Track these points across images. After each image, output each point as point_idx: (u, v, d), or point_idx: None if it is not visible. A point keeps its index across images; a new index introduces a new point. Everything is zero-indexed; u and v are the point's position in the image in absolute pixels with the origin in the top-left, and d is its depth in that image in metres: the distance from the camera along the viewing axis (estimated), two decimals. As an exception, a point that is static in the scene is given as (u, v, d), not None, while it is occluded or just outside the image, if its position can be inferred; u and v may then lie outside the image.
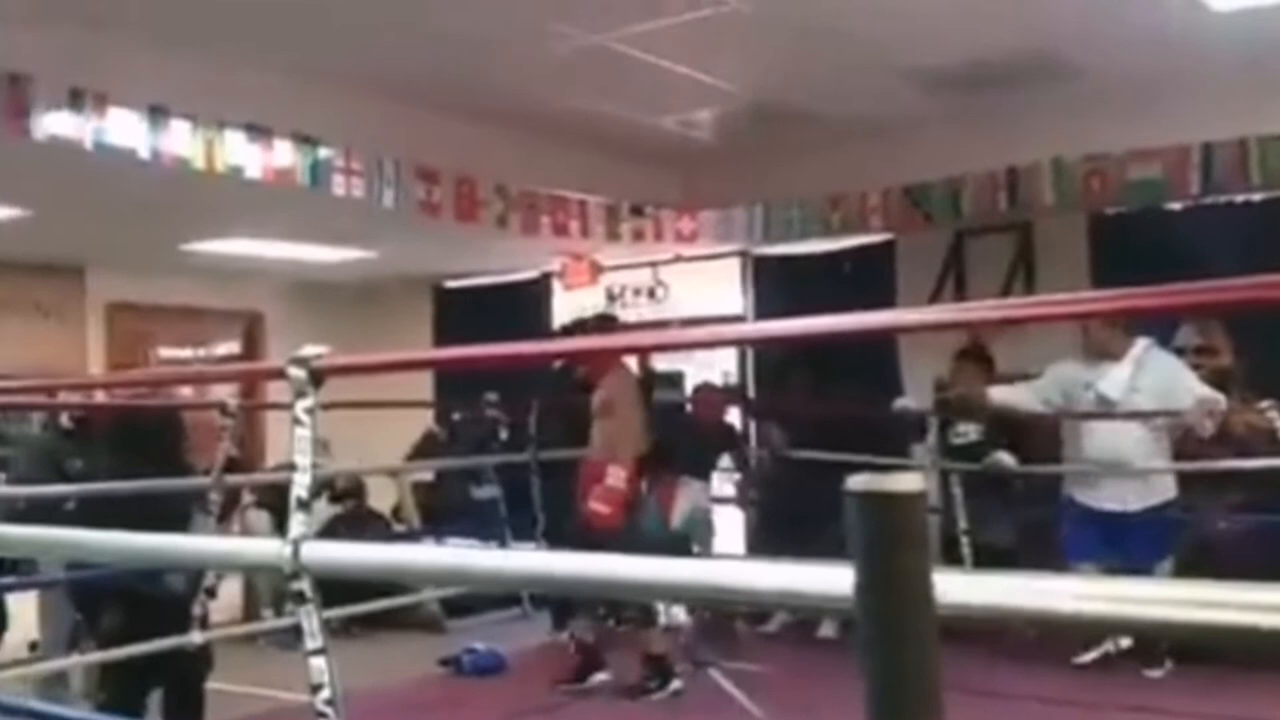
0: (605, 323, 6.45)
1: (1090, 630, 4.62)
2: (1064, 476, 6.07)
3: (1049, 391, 6.02)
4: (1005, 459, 6.03)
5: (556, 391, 7.09)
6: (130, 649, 4.51)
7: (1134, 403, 5.71)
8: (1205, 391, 5.61)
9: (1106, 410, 5.78)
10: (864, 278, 7.51)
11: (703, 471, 7.24)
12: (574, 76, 5.71)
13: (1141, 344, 5.82)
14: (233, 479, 5.22)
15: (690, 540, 6.72)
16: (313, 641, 2.01)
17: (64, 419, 5.86)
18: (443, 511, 8.40)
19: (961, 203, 6.53)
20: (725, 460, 7.58)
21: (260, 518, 7.27)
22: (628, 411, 5.72)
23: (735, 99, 6.24)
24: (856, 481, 0.94)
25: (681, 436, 6.88)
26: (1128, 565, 5.39)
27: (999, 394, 6.15)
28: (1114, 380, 5.72)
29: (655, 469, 6.31)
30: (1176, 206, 6.54)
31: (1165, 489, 5.79)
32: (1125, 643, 5.56)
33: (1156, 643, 5.31)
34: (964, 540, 5.91)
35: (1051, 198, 6.24)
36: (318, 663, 2.01)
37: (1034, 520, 6.30)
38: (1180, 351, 6.66)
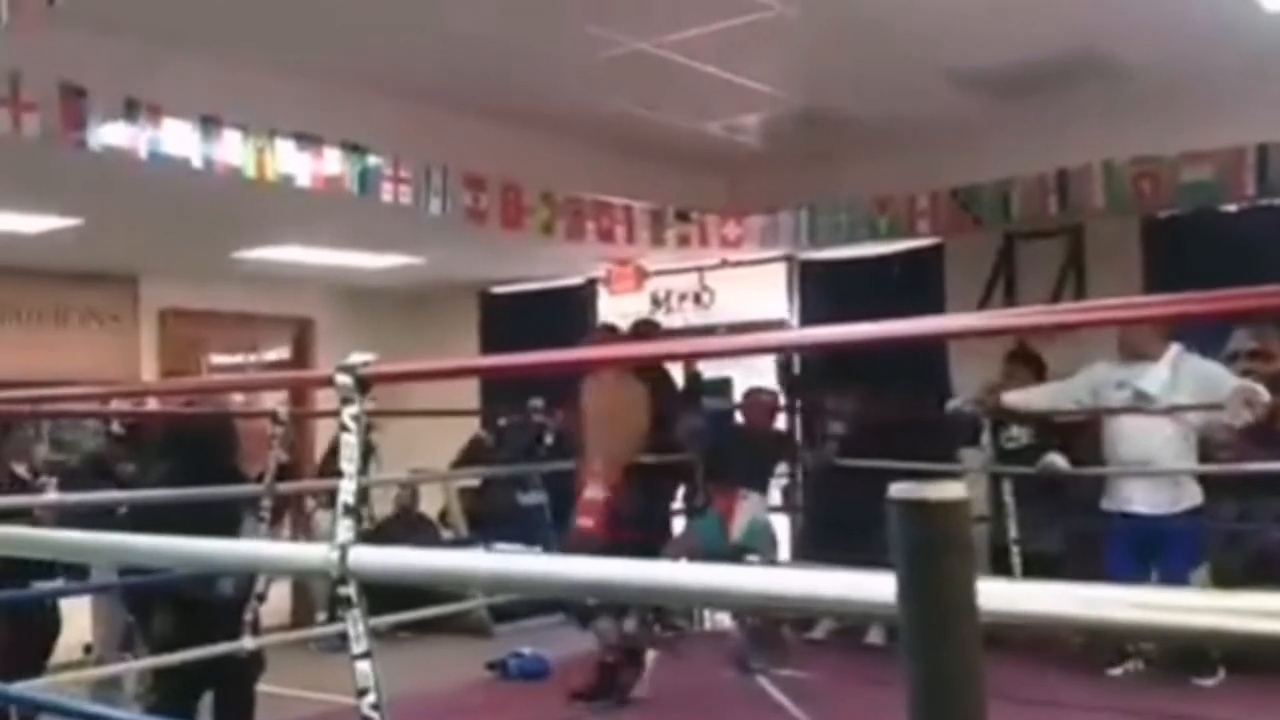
0: (645, 328, 6.41)
1: (1136, 638, 4.58)
2: (1100, 488, 6.00)
3: (1079, 392, 5.96)
4: (1058, 461, 5.95)
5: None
6: (183, 654, 4.57)
7: (1174, 403, 5.64)
8: (1241, 380, 5.53)
9: (1141, 407, 5.71)
10: (912, 282, 7.45)
11: (759, 482, 7.18)
12: (619, 83, 5.72)
13: (1176, 348, 5.77)
14: (283, 486, 5.28)
15: (745, 554, 6.65)
16: (359, 645, 2.03)
17: (115, 425, 5.95)
18: (489, 517, 8.45)
19: (1011, 206, 6.47)
20: (781, 468, 7.53)
21: (327, 519, 7.35)
22: (614, 421, 5.62)
23: (781, 103, 6.23)
24: (899, 489, 0.93)
25: (734, 447, 6.83)
26: (1162, 575, 5.34)
27: (1013, 398, 6.12)
28: (1155, 377, 5.66)
29: (712, 482, 6.32)
30: (1231, 209, 6.44)
31: (1194, 494, 5.72)
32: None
33: (1208, 651, 5.23)
34: (1014, 550, 5.83)
35: (1102, 201, 6.17)
36: (364, 666, 2.02)
37: (1082, 527, 6.23)
38: (1234, 356, 6.57)
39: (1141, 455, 5.72)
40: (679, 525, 6.64)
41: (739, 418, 7.35)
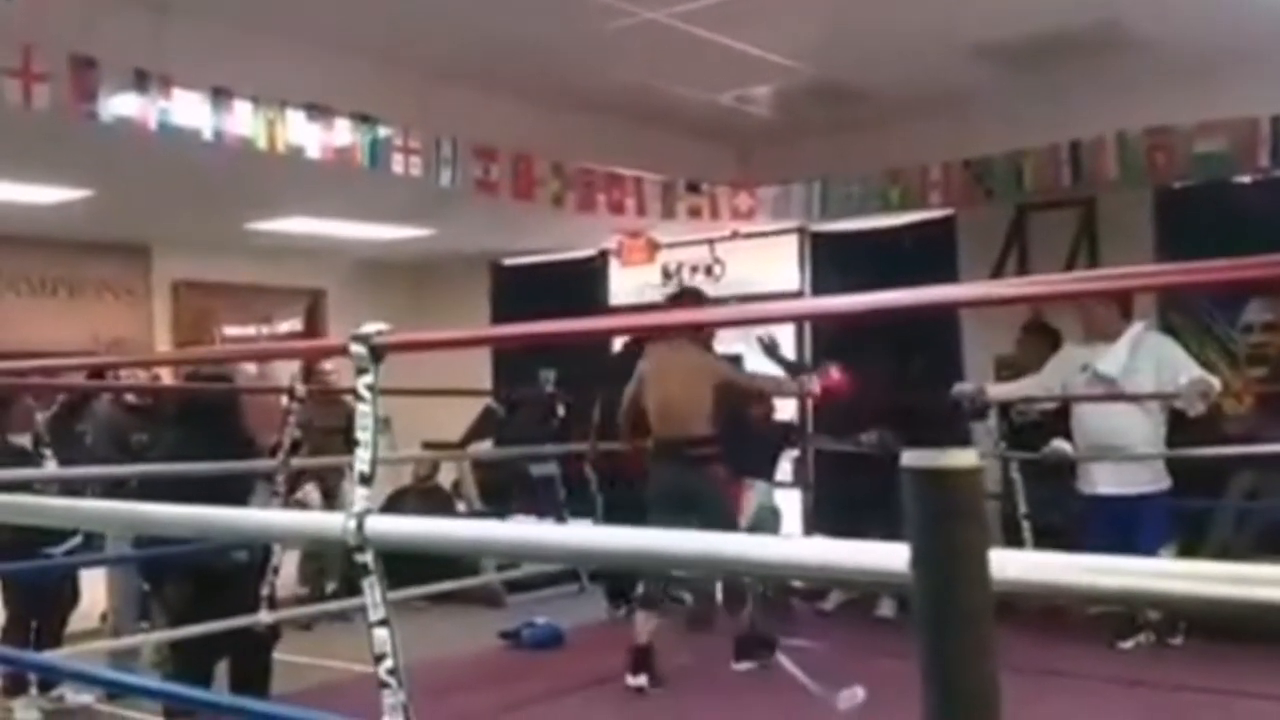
0: (690, 297, 6.39)
1: (1144, 606, 4.61)
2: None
3: (1049, 380, 6.01)
4: (1063, 446, 5.96)
5: (618, 376, 7.12)
6: (200, 625, 4.62)
7: (1133, 383, 5.66)
8: (1199, 373, 5.55)
9: (1105, 389, 5.73)
10: (924, 254, 7.43)
11: (766, 470, 7.23)
12: (630, 53, 5.70)
13: (1138, 325, 5.79)
14: (297, 461, 5.33)
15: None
16: (376, 613, 2.05)
17: (129, 396, 5.99)
18: (502, 489, 8.49)
19: (1024, 177, 6.44)
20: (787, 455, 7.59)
21: (316, 496, 7.41)
22: (685, 389, 5.66)
23: (792, 74, 6.20)
24: (912, 457, 0.94)
25: (739, 439, 6.86)
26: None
27: (998, 390, 6.20)
28: (1112, 358, 5.67)
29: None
30: (1244, 180, 6.41)
31: (1161, 476, 5.74)
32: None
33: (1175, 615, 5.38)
34: (1025, 525, 5.86)
35: (1116, 172, 6.14)
36: (381, 633, 2.05)
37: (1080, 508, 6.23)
38: (1249, 328, 6.55)
39: (1106, 435, 5.75)
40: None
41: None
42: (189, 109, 4.78)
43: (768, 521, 7.06)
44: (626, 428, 5.96)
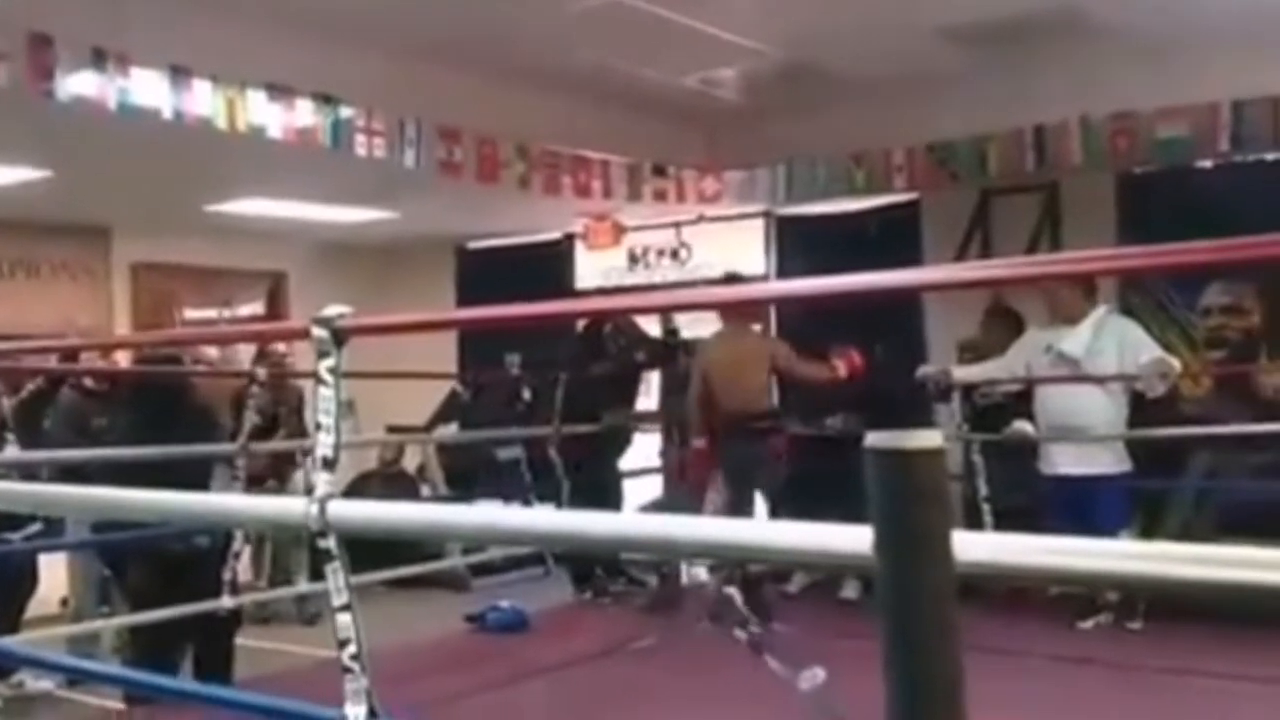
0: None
1: (1106, 587, 4.65)
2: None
3: (1014, 363, 6.05)
4: (1025, 427, 6.01)
5: (580, 359, 7.12)
6: (162, 610, 4.58)
7: (1096, 364, 5.71)
8: (1159, 353, 5.62)
9: (1068, 370, 5.78)
10: (889, 238, 7.46)
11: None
12: (596, 34, 5.67)
13: (1102, 309, 5.84)
14: (256, 446, 5.27)
15: None
16: (339, 598, 2.04)
17: (88, 380, 5.91)
18: (467, 472, 8.47)
19: (988, 161, 6.47)
20: None
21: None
22: (743, 371, 6.16)
23: (759, 57, 6.19)
24: (875, 438, 0.94)
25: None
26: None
27: (962, 373, 6.24)
28: (1075, 339, 5.73)
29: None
30: (1205, 165, 6.47)
31: (1121, 457, 5.80)
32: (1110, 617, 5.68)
33: (1135, 598, 5.45)
34: (985, 508, 5.91)
35: (1079, 157, 6.18)
36: (344, 619, 2.03)
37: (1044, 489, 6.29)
38: (1208, 311, 6.62)
39: (1067, 416, 5.80)
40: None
41: None
42: (148, 88, 4.71)
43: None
44: (698, 415, 6.34)
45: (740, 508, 6.08)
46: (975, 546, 1.15)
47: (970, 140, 6.48)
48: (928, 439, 0.93)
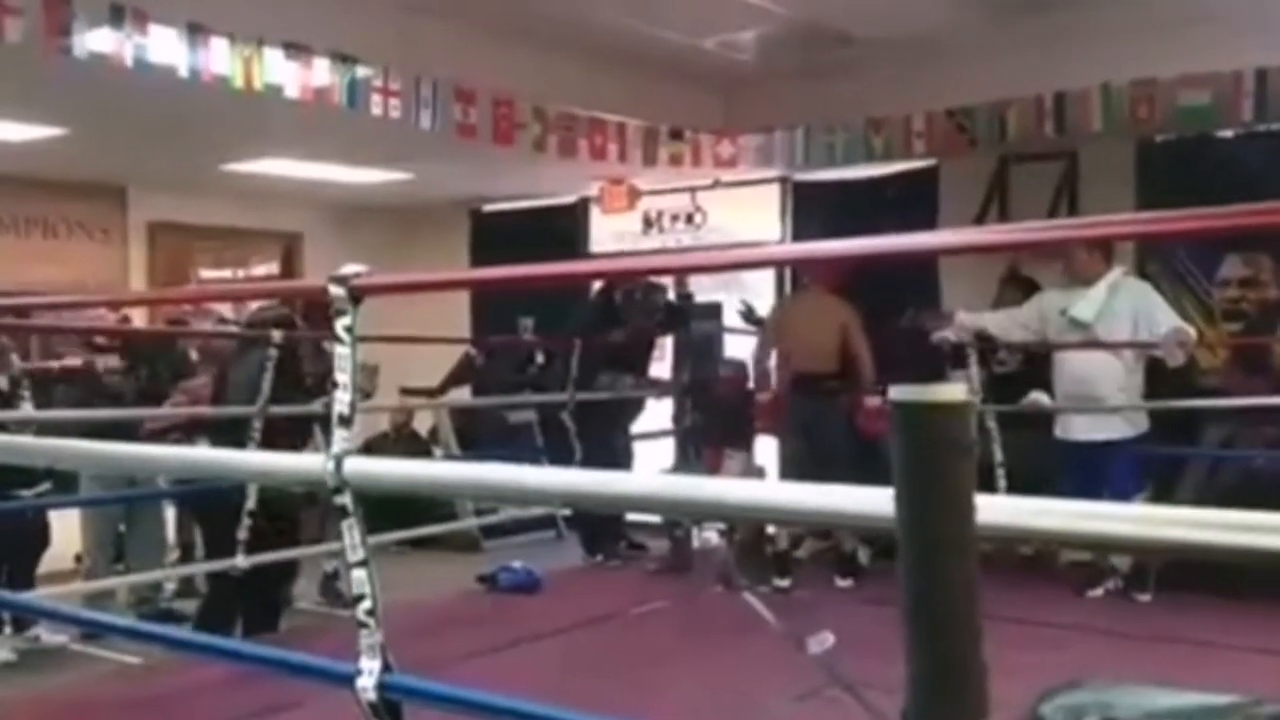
0: None
1: (1116, 550, 4.65)
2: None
3: (1027, 318, 5.98)
4: (1041, 398, 5.98)
5: (594, 323, 7.10)
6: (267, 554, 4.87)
7: (1109, 328, 5.65)
8: (1178, 322, 5.55)
9: (1080, 334, 5.72)
10: (906, 204, 7.41)
11: (742, 442, 7.25)
12: (614, -4, 5.63)
13: (1117, 270, 5.77)
14: (275, 409, 5.30)
15: None
16: (355, 554, 2.05)
17: (99, 339, 5.94)
18: (479, 435, 8.49)
19: (1008, 127, 6.42)
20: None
21: None
22: (816, 332, 6.35)
23: (778, 20, 6.14)
24: (899, 392, 0.94)
25: (714, 413, 6.96)
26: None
27: (969, 318, 6.09)
28: (1088, 302, 5.66)
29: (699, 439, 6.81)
30: (1227, 133, 6.41)
31: (1137, 422, 5.75)
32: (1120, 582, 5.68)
33: (1145, 569, 5.47)
34: (1000, 473, 5.89)
35: (1099, 123, 6.12)
36: (360, 574, 2.05)
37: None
38: (1225, 283, 6.58)
39: (1081, 381, 5.75)
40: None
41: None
42: (165, 46, 4.70)
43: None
44: (763, 372, 6.58)
45: (803, 465, 6.10)
46: (989, 509, 1.14)
47: (990, 106, 6.43)
48: (953, 392, 0.93)
